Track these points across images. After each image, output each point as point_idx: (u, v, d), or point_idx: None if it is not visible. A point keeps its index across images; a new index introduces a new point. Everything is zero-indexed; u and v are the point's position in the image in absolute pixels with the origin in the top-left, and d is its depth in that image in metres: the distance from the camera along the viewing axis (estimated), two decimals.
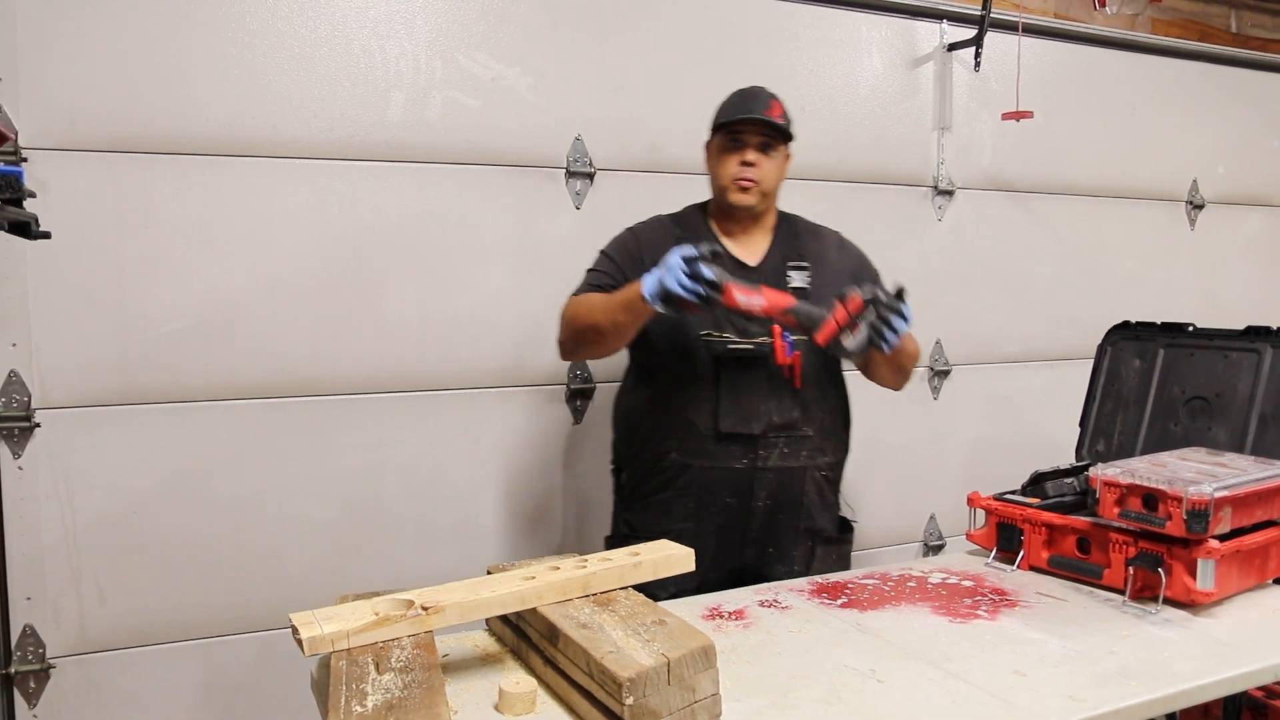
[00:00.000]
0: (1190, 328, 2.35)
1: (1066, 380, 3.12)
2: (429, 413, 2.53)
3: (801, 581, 1.92)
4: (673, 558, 1.60)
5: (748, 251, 2.14)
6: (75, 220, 2.17)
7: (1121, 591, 1.78)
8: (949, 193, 3.18)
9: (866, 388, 2.22)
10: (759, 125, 2.06)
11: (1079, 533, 1.89)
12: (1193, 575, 1.71)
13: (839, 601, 1.79)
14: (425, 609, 1.37)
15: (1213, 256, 3.72)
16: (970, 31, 3.09)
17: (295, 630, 1.32)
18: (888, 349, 1.84)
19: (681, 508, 2.10)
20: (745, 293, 1.83)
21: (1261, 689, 2.23)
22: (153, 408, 2.28)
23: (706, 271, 1.78)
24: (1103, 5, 3.42)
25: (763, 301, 1.84)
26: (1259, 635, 1.63)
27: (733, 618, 1.71)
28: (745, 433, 2.06)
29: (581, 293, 2.11)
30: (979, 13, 3.05)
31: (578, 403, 2.72)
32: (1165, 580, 1.72)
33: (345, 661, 1.29)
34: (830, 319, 1.82)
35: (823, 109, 2.95)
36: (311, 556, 2.43)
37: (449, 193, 2.51)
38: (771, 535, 2.11)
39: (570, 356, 2.21)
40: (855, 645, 1.58)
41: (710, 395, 2.06)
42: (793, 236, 2.18)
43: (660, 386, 2.12)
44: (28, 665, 2.21)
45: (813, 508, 2.13)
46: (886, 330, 1.82)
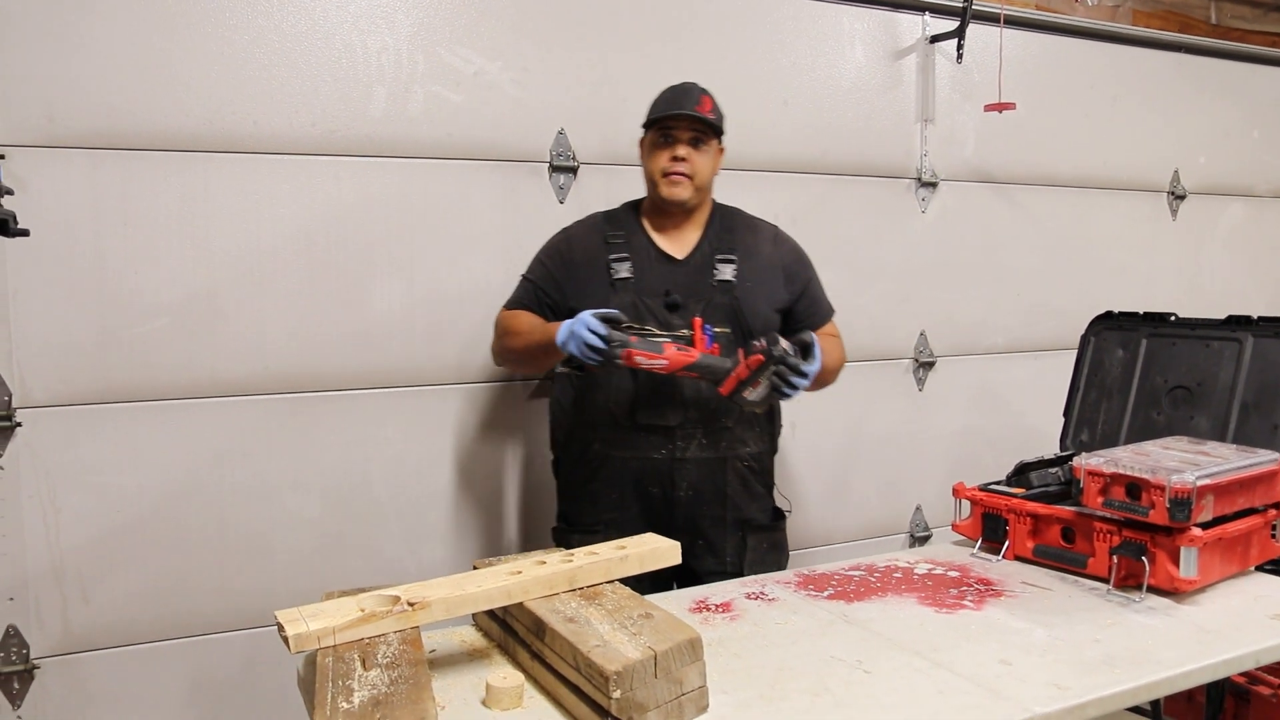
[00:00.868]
0: (1172, 317, 2.36)
1: (1050, 371, 3.13)
2: (414, 408, 2.52)
3: (788, 573, 1.93)
4: (659, 551, 1.60)
5: (677, 245, 2.18)
6: (54, 218, 2.15)
7: (1106, 580, 1.80)
8: (932, 184, 3.19)
9: (850, 381, 2.22)
10: (690, 120, 2.10)
11: (1063, 522, 1.90)
12: (1176, 563, 1.72)
13: (825, 593, 1.80)
14: (411, 605, 1.37)
15: (1194, 246, 3.75)
16: (952, 23, 3.10)
17: (281, 627, 1.32)
18: (788, 399, 1.97)
19: (607, 498, 2.16)
20: (647, 356, 1.94)
21: (1244, 675, 2.25)
22: (135, 406, 2.26)
23: (598, 342, 1.90)
24: None
25: (665, 362, 1.95)
26: (1241, 622, 1.65)
27: (719, 610, 1.72)
28: (661, 424, 2.11)
29: (513, 305, 2.20)
30: (961, 4, 3.06)
31: None
32: (1149, 568, 1.74)
33: (331, 658, 1.29)
34: (732, 374, 1.94)
35: (805, 101, 2.95)
36: (297, 553, 2.42)
37: (432, 188, 2.50)
38: (697, 526, 2.14)
39: (500, 365, 2.29)
40: (842, 636, 1.59)
41: (629, 387, 2.12)
42: (726, 230, 2.21)
43: (585, 378, 2.19)
44: (11, 666, 2.19)
45: (738, 498, 2.17)
46: (785, 386, 1.92)
